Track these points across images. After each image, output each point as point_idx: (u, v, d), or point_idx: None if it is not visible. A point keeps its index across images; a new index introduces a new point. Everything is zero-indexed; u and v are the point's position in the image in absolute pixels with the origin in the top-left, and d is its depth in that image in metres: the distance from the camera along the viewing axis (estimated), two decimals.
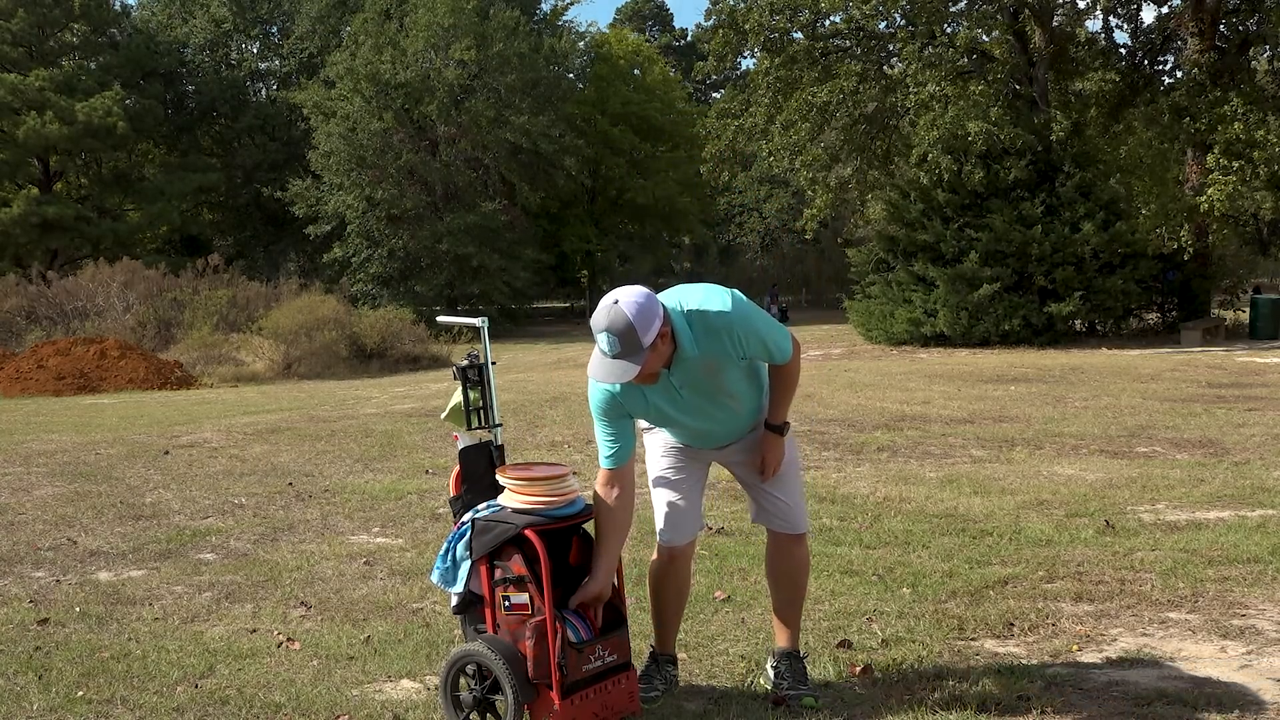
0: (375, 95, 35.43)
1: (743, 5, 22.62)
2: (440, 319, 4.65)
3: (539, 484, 3.15)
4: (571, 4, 63.72)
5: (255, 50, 47.12)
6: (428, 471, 7.79)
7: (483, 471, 3.37)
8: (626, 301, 2.98)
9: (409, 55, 35.85)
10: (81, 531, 6.14)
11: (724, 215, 49.48)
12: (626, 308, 2.97)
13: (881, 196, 24.16)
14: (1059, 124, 21.06)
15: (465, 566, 3.20)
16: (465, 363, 3.47)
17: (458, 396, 3.45)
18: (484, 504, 3.26)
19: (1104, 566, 4.75)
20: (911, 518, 5.78)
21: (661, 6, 66.78)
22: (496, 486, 3.27)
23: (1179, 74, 22.88)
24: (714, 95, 51.90)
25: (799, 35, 22.54)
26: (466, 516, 3.24)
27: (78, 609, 4.61)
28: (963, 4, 21.65)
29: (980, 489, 6.52)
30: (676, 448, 3.45)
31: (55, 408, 15.11)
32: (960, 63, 21.32)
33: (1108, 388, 12.36)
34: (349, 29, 38.99)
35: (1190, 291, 22.68)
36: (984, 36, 21.44)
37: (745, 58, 27.76)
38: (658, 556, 3.48)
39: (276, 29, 46.99)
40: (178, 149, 43.53)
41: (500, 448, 3.46)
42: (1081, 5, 22.21)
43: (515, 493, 3.17)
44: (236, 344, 24.23)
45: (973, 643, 3.87)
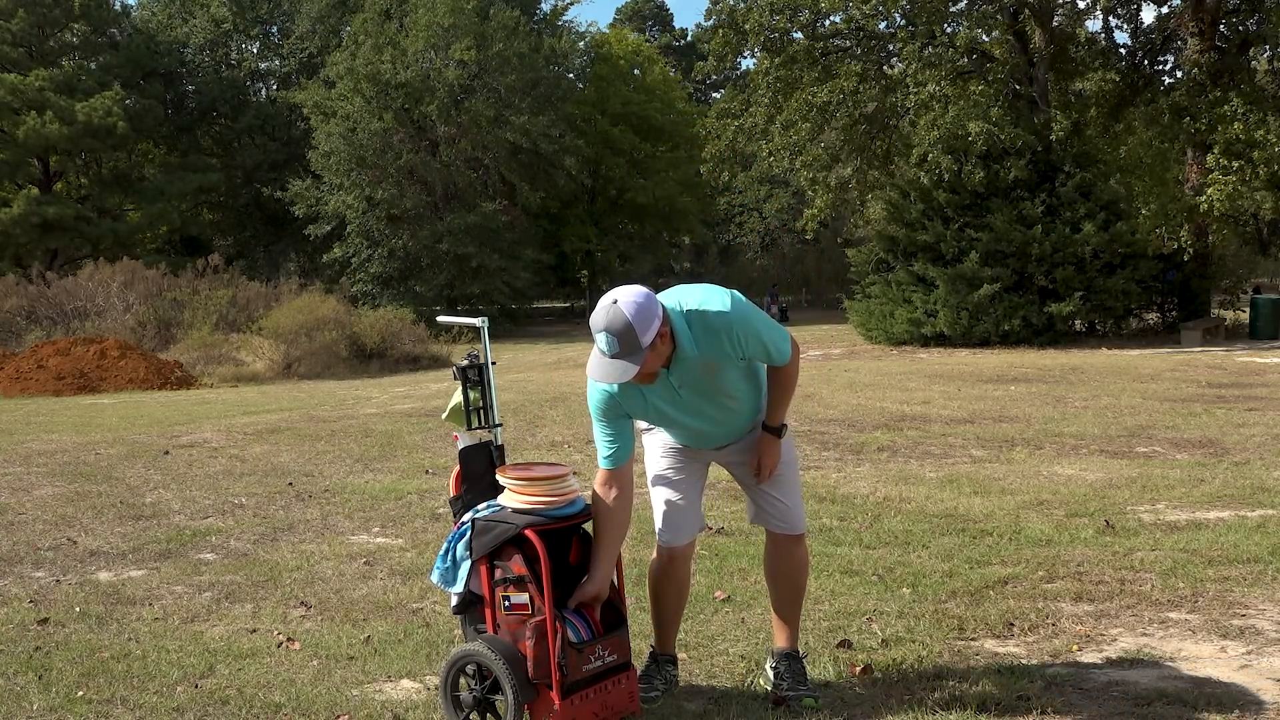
0: (375, 95, 35.43)
1: (743, 5, 22.62)
2: (440, 319, 4.64)
3: (539, 484, 3.15)
4: (571, 4, 63.81)
5: (255, 50, 47.13)
6: (428, 471, 7.79)
7: (483, 471, 3.37)
8: (625, 301, 2.98)
9: (409, 55, 35.85)
10: (81, 531, 6.14)
11: (724, 215, 49.48)
12: (625, 308, 2.96)
13: (881, 196, 24.16)
14: (1059, 124, 21.06)
15: (465, 566, 3.20)
16: (465, 363, 3.47)
17: (458, 396, 3.45)
18: (484, 504, 3.26)
19: (1104, 566, 4.75)
20: (911, 518, 5.78)
21: (661, 6, 66.79)
22: (496, 486, 3.27)
23: (1179, 74, 22.89)
24: (714, 95, 51.95)
25: (799, 35, 22.54)
26: (466, 516, 3.24)
27: (78, 609, 4.61)
28: (963, 4, 21.65)
29: (980, 489, 6.52)
30: (675, 448, 3.44)
31: (55, 408, 15.11)
32: (960, 63, 21.32)
33: (1108, 388, 12.36)
34: (349, 29, 38.99)
35: (1190, 291, 22.68)
36: (984, 36, 21.43)
37: (745, 58, 27.77)
38: (657, 557, 3.48)
39: (276, 29, 47.00)
40: (178, 149, 43.54)
41: (500, 448, 3.46)
42: (1081, 5, 22.23)
43: (515, 493, 3.17)
44: (236, 344, 24.23)
45: (973, 643, 3.87)
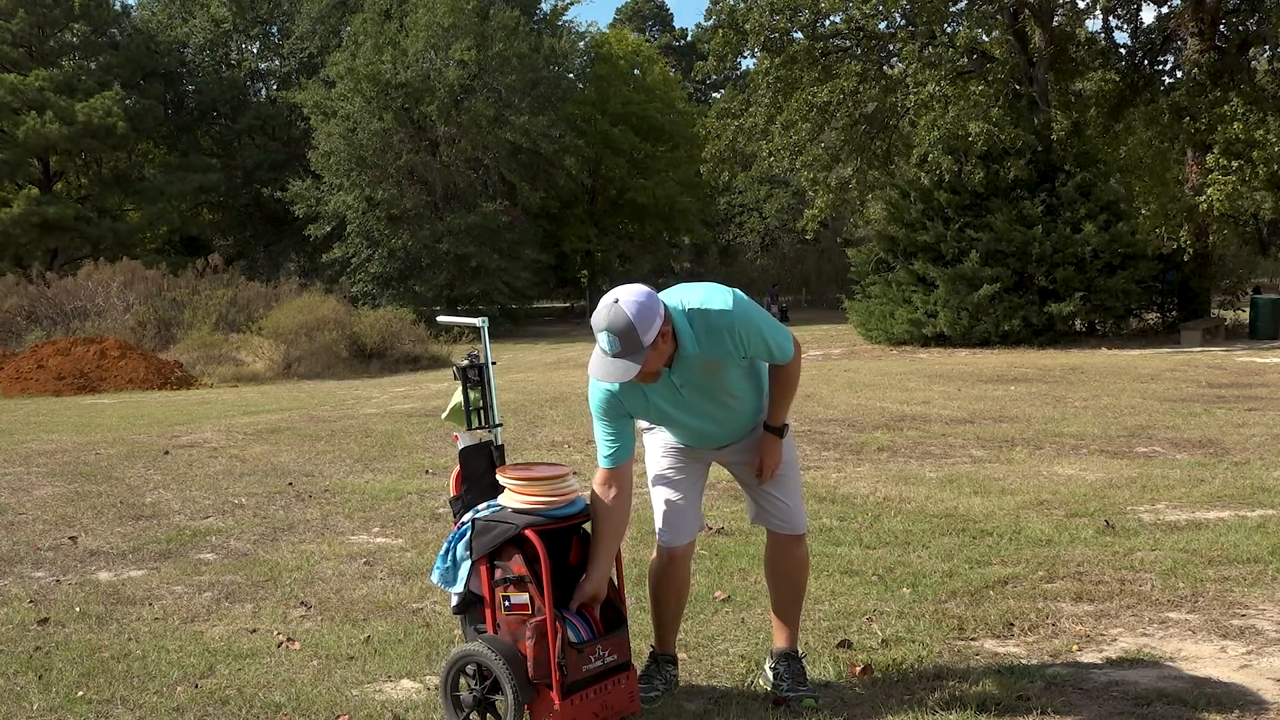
0: (375, 95, 35.44)
1: (743, 5, 22.63)
2: (440, 319, 4.64)
3: (539, 484, 3.15)
4: (571, 4, 63.80)
5: (255, 50, 47.14)
6: (428, 471, 7.79)
7: (483, 471, 3.37)
8: (627, 300, 2.97)
9: (409, 55, 35.86)
10: (81, 531, 6.14)
11: (724, 215, 49.49)
12: (627, 307, 2.96)
13: (882, 196, 24.16)
14: (1059, 124, 21.07)
15: (465, 566, 3.20)
16: (465, 363, 3.47)
17: (458, 396, 3.45)
18: (484, 504, 3.26)
19: (1104, 566, 4.75)
20: (911, 518, 5.78)
21: (661, 6, 66.81)
22: (496, 486, 3.27)
23: (1179, 74, 22.89)
24: (714, 95, 51.96)
25: (799, 35, 22.54)
26: (466, 516, 3.24)
27: (78, 609, 4.61)
28: (963, 4, 21.65)
29: (980, 489, 6.52)
30: (676, 448, 3.44)
31: (55, 408, 15.11)
32: (960, 63, 21.31)
33: (1108, 388, 12.36)
34: (349, 29, 39.00)
35: (1190, 291, 22.69)
36: (984, 36, 21.43)
37: (745, 58, 27.77)
38: (657, 557, 3.47)
39: (276, 29, 47.01)
40: (178, 149, 43.55)
41: (500, 448, 3.46)
42: (1081, 5, 22.23)
43: (515, 493, 3.17)
44: (236, 344, 24.24)
45: (973, 643, 3.87)
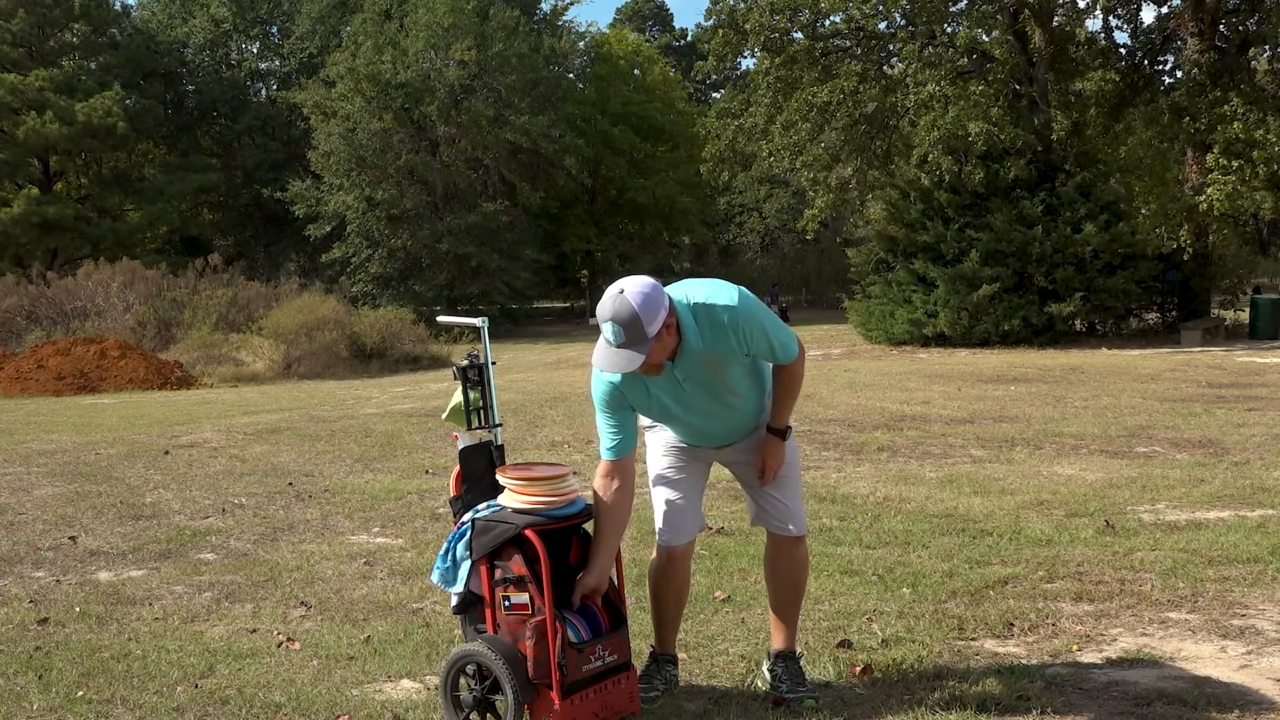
0: (375, 95, 35.44)
1: (743, 5, 22.63)
2: (440, 319, 4.64)
3: (539, 484, 3.15)
4: (571, 4, 63.81)
5: (255, 50, 47.16)
6: (428, 471, 7.79)
7: (483, 471, 3.37)
8: (632, 291, 2.98)
9: (409, 55, 35.87)
10: (81, 531, 6.14)
11: (724, 215, 49.50)
12: (632, 297, 2.97)
13: (882, 196, 24.16)
14: (1059, 124, 21.07)
15: (465, 566, 3.20)
16: (465, 363, 3.47)
17: (458, 396, 3.45)
18: (484, 504, 3.26)
19: (1104, 566, 4.75)
20: (911, 518, 5.78)
21: (661, 6, 66.83)
22: (496, 486, 3.27)
23: (1179, 74, 22.90)
24: (714, 95, 51.95)
25: (799, 35, 22.54)
26: (466, 516, 3.24)
27: (78, 609, 4.61)
28: (963, 4, 21.66)
29: (980, 489, 6.52)
30: (677, 447, 3.44)
31: (55, 408, 15.11)
32: (960, 63, 21.31)
33: (1108, 388, 12.36)
34: (349, 29, 39.00)
35: (1190, 291, 22.69)
36: (984, 36, 21.43)
37: (745, 58, 27.78)
38: (657, 556, 3.47)
39: (276, 29, 47.03)
40: (178, 149, 43.57)
41: (500, 448, 3.46)
42: (1081, 5, 22.23)
43: (515, 493, 3.17)
44: (236, 344, 24.24)
45: (973, 643, 3.86)
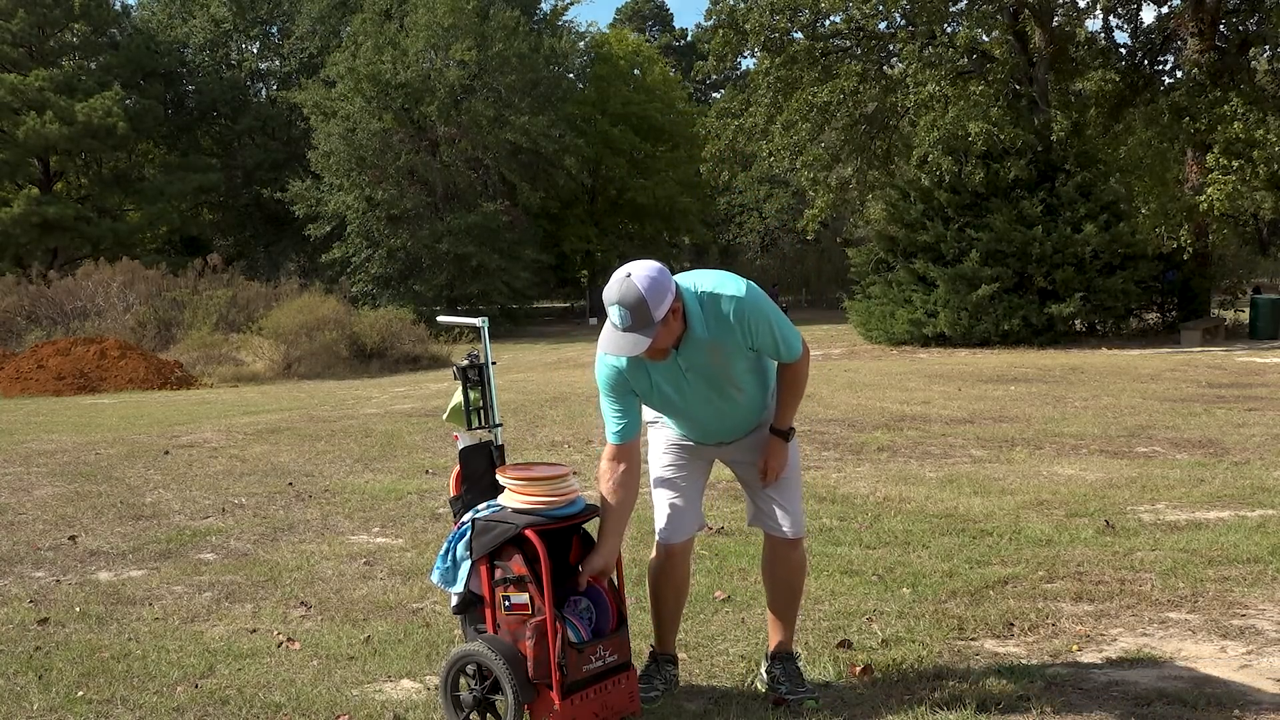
0: (375, 95, 35.44)
1: (743, 5, 22.63)
2: (440, 319, 4.64)
3: (539, 484, 3.15)
4: (571, 4, 63.81)
5: (255, 50, 47.15)
6: (428, 471, 7.79)
7: (483, 471, 3.37)
8: (639, 275, 2.99)
9: (409, 55, 35.86)
10: (81, 531, 6.14)
11: (724, 215, 49.48)
12: (639, 281, 2.97)
13: (881, 196, 24.15)
14: (1059, 124, 21.06)
15: (465, 566, 3.20)
16: (465, 363, 3.47)
17: (458, 396, 3.45)
18: (484, 504, 3.26)
19: (1104, 566, 4.75)
20: (911, 518, 5.78)
21: (661, 6, 66.82)
22: (496, 486, 3.27)
23: (1179, 74, 22.90)
24: (714, 95, 51.92)
25: (799, 35, 22.54)
26: (466, 516, 3.24)
27: (78, 609, 4.61)
28: (963, 4, 21.65)
29: (980, 489, 6.52)
30: (679, 445, 3.44)
31: (55, 408, 15.11)
32: (960, 63, 21.31)
33: (1108, 388, 12.36)
34: (349, 29, 39.00)
35: (1190, 291, 22.68)
36: (984, 36, 21.43)
37: (745, 58, 27.77)
38: (656, 554, 3.48)
39: (276, 29, 47.03)
40: (178, 149, 43.56)
41: (500, 448, 3.46)
42: (1081, 5, 22.23)
43: (515, 493, 3.17)
44: (236, 344, 24.24)
45: (973, 643, 3.86)
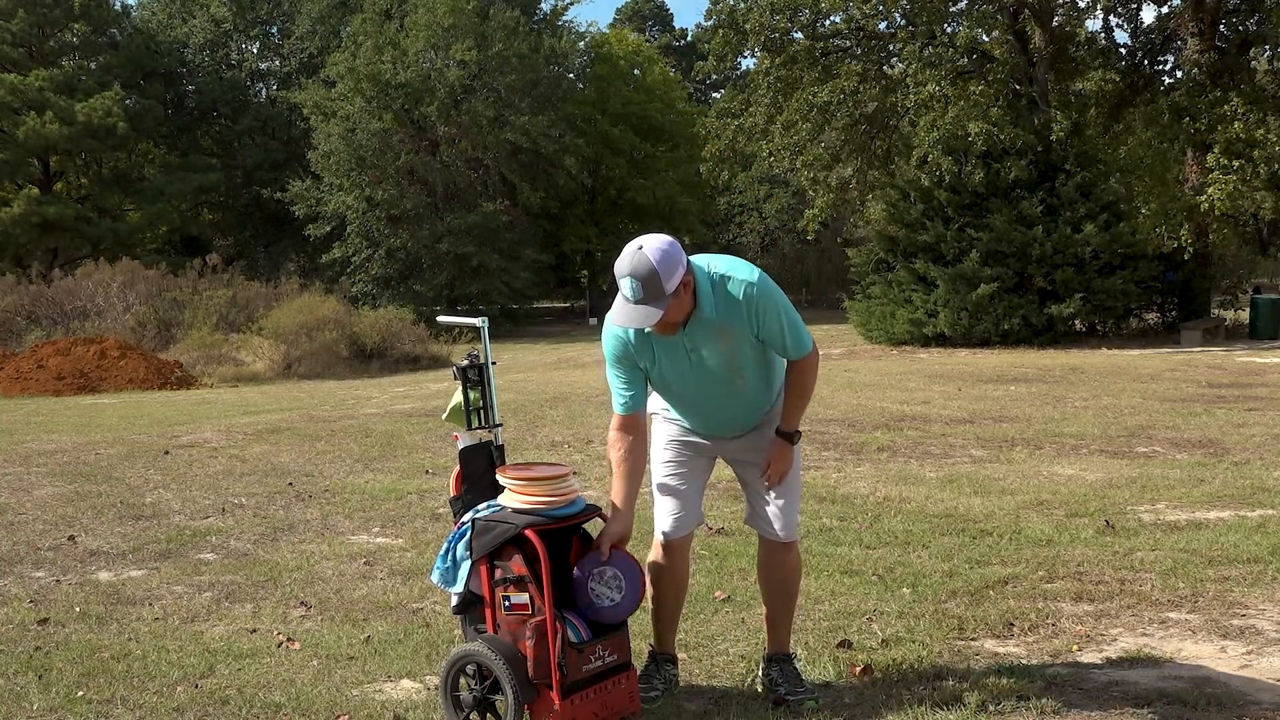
0: (375, 95, 35.42)
1: (743, 5, 22.61)
2: (440, 319, 4.64)
3: (539, 484, 3.15)
4: (571, 4, 63.77)
5: (255, 50, 47.11)
6: (428, 471, 7.79)
7: (483, 471, 3.37)
8: (651, 247, 3.00)
9: (409, 55, 35.84)
10: (81, 531, 6.14)
11: (724, 215, 49.43)
12: (651, 253, 2.99)
13: (882, 196, 24.14)
14: (1059, 124, 21.05)
15: (465, 566, 3.20)
16: (465, 363, 3.47)
17: (458, 396, 3.45)
18: (484, 504, 3.26)
19: (1104, 566, 4.75)
20: (911, 518, 5.78)
21: (661, 6, 66.78)
22: (496, 486, 3.27)
23: (1179, 74, 22.87)
24: (714, 95, 51.89)
25: (799, 35, 22.53)
26: (467, 516, 3.24)
27: (78, 609, 4.61)
28: (963, 4, 21.63)
29: (980, 489, 6.52)
30: (681, 441, 3.44)
31: (55, 408, 15.11)
32: (960, 63, 21.30)
33: (1108, 388, 12.36)
34: (349, 29, 38.98)
35: (1190, 291, 22.67)
36: (984, 36, 21.41)
37: (745, 58, 27.76)
38: (655, 551, 3.48)
39: (276, 29, 46.99)
40: (178, 149, 43.53)
41: (500, 448, 3.46)
42: (1082, 5, 22.21)
43: (515, 493, 3.17)
44: (236, 344, 24.23)
45: (973, 643, 3.87)
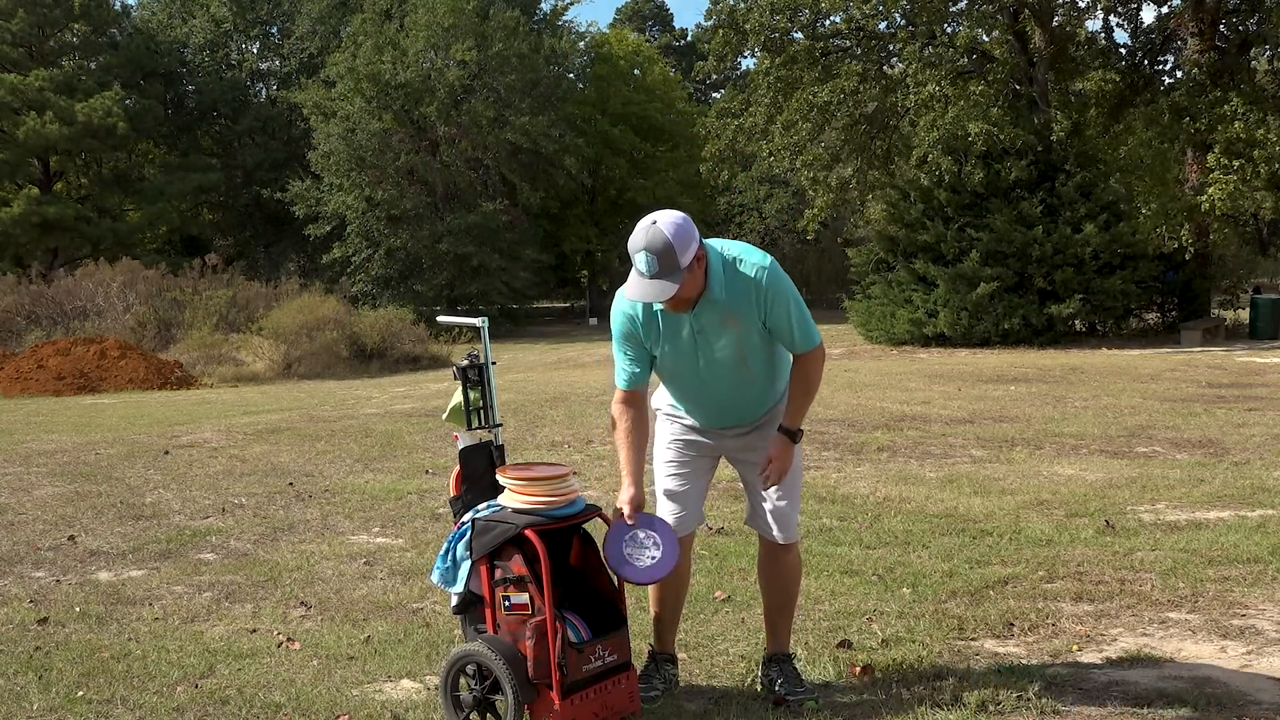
0: (375, 95, 35.41)
1: (743, 5, 22.61)
2: (440, 319, 4.64)
3: (539, 484, 3.16)
4: (571, 4, 63.75)
5: (255, 50, 47.11)
6: (428, 471, 7.79)
7: (483, 471, 3.37)
8: (665, 222, 3.03)
9: (409, 55, 35.84)
10: (81, 531, 6.14)
11: (724, 215, 49.43)
12: (665, 227, 3.01)
13: (882, 196, 24.13)
14: (1059, 124, 21.05)
15: (465, 566, 3.20)
16: (465, 363, 3.47)
17: (458, 396, 3.45)
18: (484, 504, 3.26)
19: (1104, 566, 4.75)
20: (911, 518, 5.78)
21: (661, 6, 66.77)
22: (496, 486, 3.27)
23: (1179, 74, 22.88)
24: (714, 95, 51.89)
25: (799, 35, 22.52)
26: (467, 516, 3.24)
27: (78, 609, 4.61)
28: (963, 4, 21.63)
29: (980, 489, 6.52)
30: (684, 440, 3.44)
31: (55, 408, 15.11)
32: (960, 63, 21.30)
33: (1108, 388, 12.35)
34: (349, 29, 38.97)
35: (1190, 291, 22.67)
36: (984, 36, 21.42)
37: (745, 58, 27.75)
38: None
39: (276, 29, 46.99)
40: (178, 149, 43.53)
41: (500, 448, 3.46)
42: (1082, 5, 22.20)
43: (515, 493, 3.17)
44: (236, 344, 24.23)
45: (973, 643, 3.87)
